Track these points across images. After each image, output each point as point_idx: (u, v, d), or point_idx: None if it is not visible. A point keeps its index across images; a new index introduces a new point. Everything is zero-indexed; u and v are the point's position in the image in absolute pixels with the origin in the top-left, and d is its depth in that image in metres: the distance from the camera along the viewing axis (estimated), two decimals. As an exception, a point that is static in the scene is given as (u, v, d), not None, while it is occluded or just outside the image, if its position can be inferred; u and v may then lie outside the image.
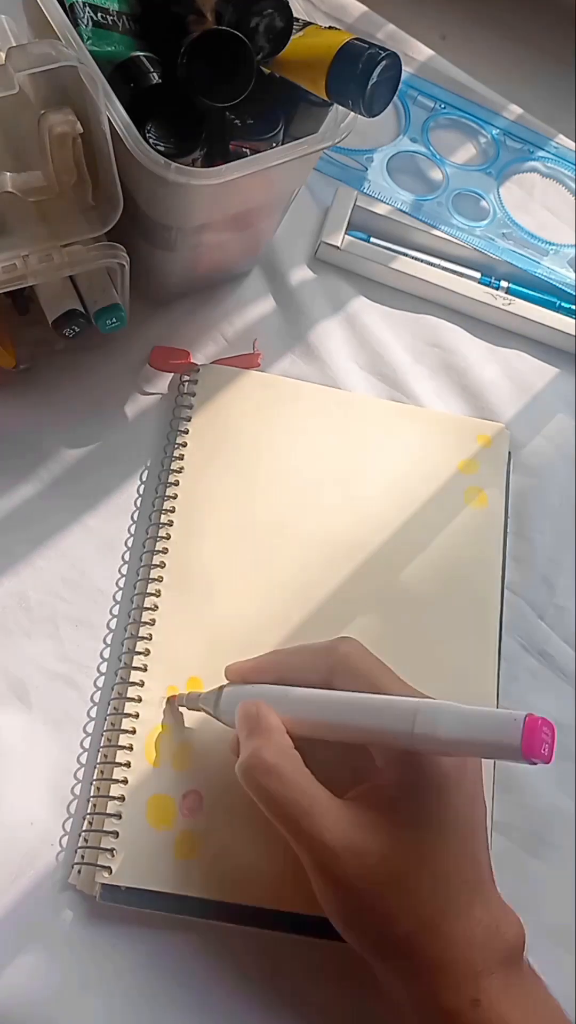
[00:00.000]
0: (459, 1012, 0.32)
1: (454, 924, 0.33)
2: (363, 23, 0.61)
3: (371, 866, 0.33)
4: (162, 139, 0.40)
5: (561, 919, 0.42)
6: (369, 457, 0.49)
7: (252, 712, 0.36)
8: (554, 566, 0.49)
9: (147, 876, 0.38)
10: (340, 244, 0.54)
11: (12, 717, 0.41)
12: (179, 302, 0.52)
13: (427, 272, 0.54)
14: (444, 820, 0.34)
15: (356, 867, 0.33)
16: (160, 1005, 0.37)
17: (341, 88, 0.38)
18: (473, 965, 0.32)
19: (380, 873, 0.33)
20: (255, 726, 0.35)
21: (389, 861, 0.33)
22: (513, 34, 0.65)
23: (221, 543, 0.45)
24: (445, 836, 0.34)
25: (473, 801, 0.35)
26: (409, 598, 0.46)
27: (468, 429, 0.51)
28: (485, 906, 0.34)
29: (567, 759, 0.45)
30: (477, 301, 0.54)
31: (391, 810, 0.34)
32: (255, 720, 0.35)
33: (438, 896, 0.33)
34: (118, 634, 0.44)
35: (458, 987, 0.32)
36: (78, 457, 0.47)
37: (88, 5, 0.41)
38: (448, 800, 0.34)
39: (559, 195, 0.61)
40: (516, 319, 0.54)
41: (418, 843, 0.33)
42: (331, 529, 0.47)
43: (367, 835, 0.33)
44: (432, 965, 0.32)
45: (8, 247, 0.39)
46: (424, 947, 0.32)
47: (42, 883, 0.39)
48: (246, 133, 0.42)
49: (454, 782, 0.34)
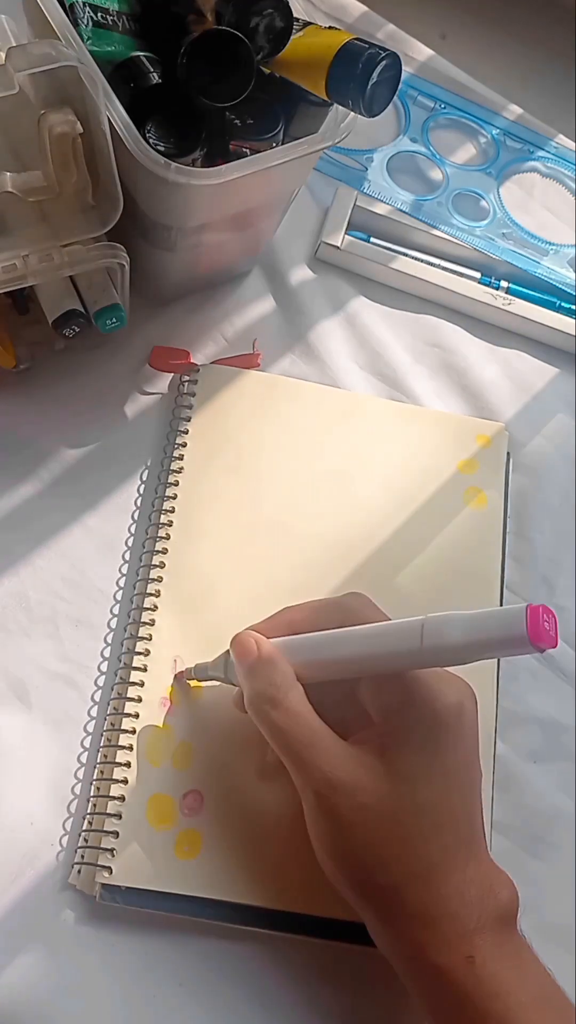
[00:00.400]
0: (452, 968, 0.32)
1: (446, 879, 0.33)
2: (363, 23, 0.61)
3: (367, 805, 0.33)
4: (162, 139, 0.40)
5: (561, 919, 0.42)
6: (369, 457, 0.49)
7: (251, 645, 0.36)
8: (554, 566, 0.49)
9: (147, 876, 0.38)
10: (340, 244, 0.54)
11: (12, 717, 0.41)
12: (179, 302, 0.52)
13: (427, 272, 0.54)
14: (442, 771, 0.34)
15: (352, 803, 0.33)
16: (160, 1005, 0.37)
17: (341, 88, 0.38)
18: (465, 922, 0.32)
19: (375, 814, 0.33)
20: (256, 659, 0.36)
21: (385, 805, 0.33)
22: (513, 34, 0.65)
23: (221, 543, 0.45)
24: (441, 791, 0.34)
25: (470, 754, 0.35)
26: (409, 598, 0.45)
27: (468, 429, 0.51)
28: (478, 864, 0.34)
29: (567, 759, 0.45)
30: (477, 301, 0.54)
31: (390, 757, 0.34)
32: (254, 653, 0.36)
33: (431, 849, 0.33)
34: (118, 634, 0.44)
35: (450, 944, 0.32)
36: (78, 457, 0.47)
37: (88, 5, 0.41)
38: (446, 751, 0.34)
39: (559, 195, 0.61)
40: (516, 319, 0.54)
41: (414, 794, 0.33)
42: (331, 529, 0.47)
43: (365, 775, 0.34)
44: (422, 919, 0.33)
45: (8, 247, 0.39)
46: (414, 900, 0.33)
47: (42, 883, 0.39)
48: (246, 133, 0.42)
49: (453, 732, 0.34)
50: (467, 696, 0.35)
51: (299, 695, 0.35)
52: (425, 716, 0.34)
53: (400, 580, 0.46)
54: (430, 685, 0.35)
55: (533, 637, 0.30)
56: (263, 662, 0.36)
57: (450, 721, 0.34)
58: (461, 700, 0.35)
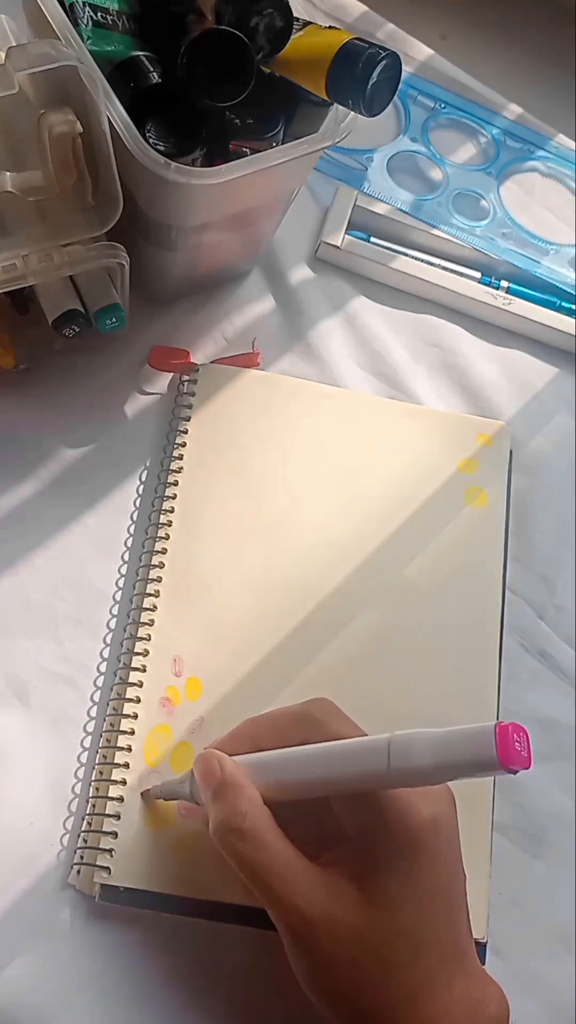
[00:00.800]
0: None
1: (434, 999, 0.32)
2: (363, 23, 0.61)
3: (346, 937, 0.32)
4: (162, 139, 0.40)
5: (561, 919, 0.42)
6: (369, 456, 0.49)
7: (214, 767, 0.34)
8: (554, 566, 0.49)
9: (146, 877, 0.38)
10: (340, 244, 0.54)
11: (12, 717, 0.41)
12: (179, 302, 0.52)
13: (427, 272, 0.54)
14: (420, 891, 0.32)
15: (330, 937, 0.32)
16: (159, 1005, 0.37)
17: (341, 88, 0.38)
18: None
19: (354, 946, 0.32)
20: (219, 783, 0.34)
21: (364, 935, 0.32)
22: (513, 34, 0.65)
23: (220, 543, 0.45)
24: (422, 909, 0.32)
25: (450, 868, 0.33)
26: (409, 598, 0.45)
27: (468, 428, 0.51)
28: (467, 979, 0.33)
29: (567, 759, 0.45)
30: (477, 301, 0.54)
31: (365, 881, 0.32)
32: (218, 775, 0.34)
33: (417, 970, 0.32)
34: (118, 634, 0.44)
35: None
36: (78, 457, 0.47)
37: (88, 5, 0.41)
38: (423, 870, 0.32)
39: (559, 195, 0.61)
40: (516, 319, 0.54)
41: (392, 920, 0.32)
42: (331, 529, 0.47)
43: (341, 905, 0.32)
44: None
45: (8, 247, 0.39)
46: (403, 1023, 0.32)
47: (42, 883, 0.39)
48: (246, 133, 0.42)
49: (429, 849, 0.33)
50: (443, 805, 0.34)
51: (265, 821, 0.33)
52: (398, 836, 0.33)
53: (400, 580, 0.46)
54: (402, 800, 0.33)
55: (503, 759, 0.28)
56: (227, 786, 0.34)
57: (424, 839, 0.33)
58: (436, 814, 0.33)
